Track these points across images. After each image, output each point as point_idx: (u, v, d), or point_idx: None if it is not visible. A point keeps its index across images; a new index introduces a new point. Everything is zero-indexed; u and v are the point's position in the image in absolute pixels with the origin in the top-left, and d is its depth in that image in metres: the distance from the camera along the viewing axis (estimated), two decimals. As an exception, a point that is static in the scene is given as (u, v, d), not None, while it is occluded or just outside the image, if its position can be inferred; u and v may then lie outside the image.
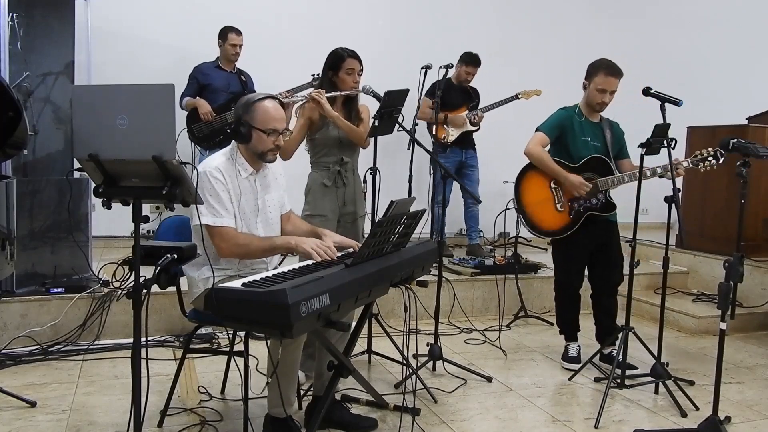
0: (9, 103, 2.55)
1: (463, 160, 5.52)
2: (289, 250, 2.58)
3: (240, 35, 5.09)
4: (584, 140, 3.52)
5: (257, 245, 2.56)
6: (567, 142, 3.52)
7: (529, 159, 3.55)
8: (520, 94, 5.41)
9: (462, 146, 5.49)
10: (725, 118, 5.21)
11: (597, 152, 3.51)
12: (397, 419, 2.77)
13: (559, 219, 3.54)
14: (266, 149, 2.57)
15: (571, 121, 3.53)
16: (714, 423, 2.66)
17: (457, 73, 5.46)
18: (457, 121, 5.40)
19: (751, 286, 4.05)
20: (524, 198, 3.58)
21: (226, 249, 2.52)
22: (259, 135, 2.54)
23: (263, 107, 2.55)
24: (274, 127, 2.54)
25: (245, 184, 2.62)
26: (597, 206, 3.51)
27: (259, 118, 2.54)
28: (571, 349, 3.67)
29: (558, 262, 3.68)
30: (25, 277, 3.79)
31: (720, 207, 4.99)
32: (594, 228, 3.51)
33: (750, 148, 2.68)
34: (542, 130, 3.54)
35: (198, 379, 3.29)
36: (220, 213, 2.50)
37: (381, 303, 4.12)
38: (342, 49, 3.32)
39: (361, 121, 3.34)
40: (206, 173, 2.50)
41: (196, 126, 5.00)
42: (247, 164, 2.62)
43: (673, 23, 7.08)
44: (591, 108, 3.53)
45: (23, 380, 3.20)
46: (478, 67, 5.45)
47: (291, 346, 2.44)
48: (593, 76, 3.47)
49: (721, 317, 2.59)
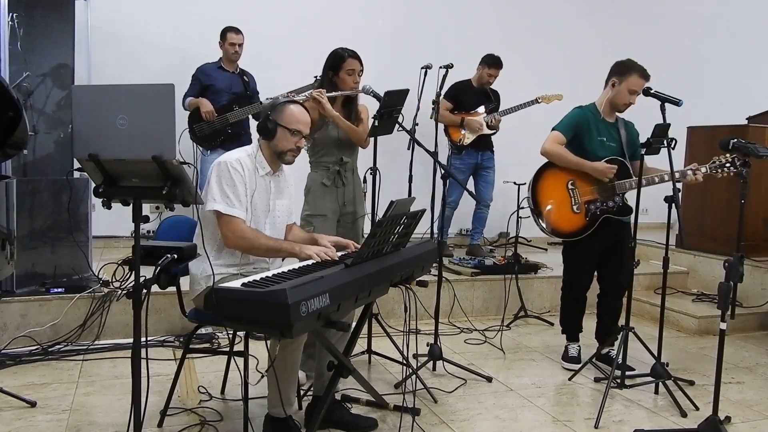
0: (9, 103, 2.55)
1: (479, 162, 5.49)
2: (293, 255, 2.60)
3: (239, 34, 5.08)
4: (600, 140, 3.47)
5: (263, 242, 2.59)
6: (583, 142, 3.47)
7: (547, 158, 3.49)
8: (540, 98, 5.35)
9: (478, 148, 5.45)
10: (725, 118, 5.21)
11: (613, 153, 3.46)
12: (397, 419, 2.77)
13: (575, 221, 3.48)
14: (287, 149, 2.66)
15: (587, 120, 3.48)
16: (714, 423, 2.66)
17: (479, 75, 5.44)
18: (473, 124, 5.35)
19: (751, 286, 4.05)
20: (540, 198, 3.51)
21: (232, 239, 2.55)
22: (283, 132, 2.64)
23: (290, 109, 2.67)
24: (298, 128, 2.66)
25: (261, 183, 2.67)
26: (614, 209, 3.45)
27: (286, 118, 2.64)
28: (572, 349, 3.67)
29: (567, 262, 3.65)
30: (25, 277, 3.79)
31: (720, 207, 4.99)
32: (606, 229, 3.46)
33: (750, 148, 2.69)
34: (559, 129, 3.49)
35: (198, 379, 3.29)
36: (233, 203, 2.54)
37: (381, 303, 4.12)
38: (342, 49, 3.32)
39: (360, 121, 3.35)
40: (226, 163, 2.57)
41: (198, 126, 4.99)
42: (265, 163, 2.69)
43: (674, 23, 7.08)
44: (614, 108, 3.48)
45: (23, 380, 3.20)
46: (500, 69, 5.41)
47: (291, 347, 2.44)
48: (626, 75, 3.40)
49: (721, 317, 2.59)
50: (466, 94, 5.40)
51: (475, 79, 5.47)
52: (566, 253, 3.65)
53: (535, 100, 5.36)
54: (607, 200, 3.46)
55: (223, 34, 5.07)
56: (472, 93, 5.45)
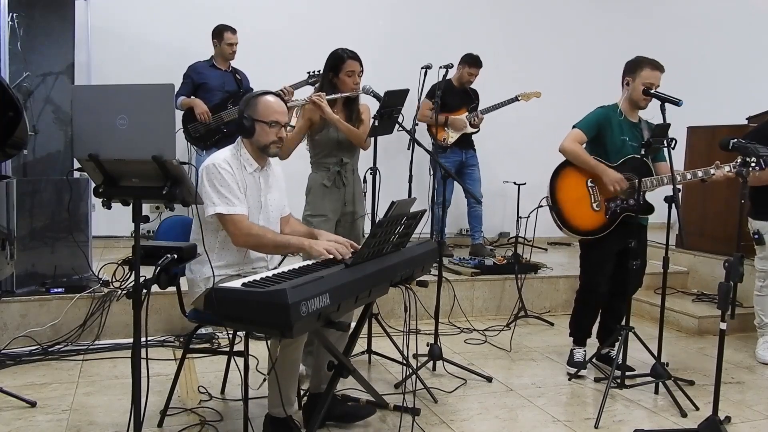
0: (9, 103, 2.55)
1: (463, 160, 5.53)
2: (302, 251, 2.59)
3: (235, 33, 5.07)
4: (623, 139, 3.42)
5: (271, 237, 2.58)
6: (605, 141, 3.42)
7: (565, 156, 3.44)
8: (520, 96, 5.41)
9: (462, 146, 5.49)
10: (725, 118, 5.20)
11: (635, 152, 3.41)
12: (397, 419, 2.76)
13: (595, 218, 3.42)
14: (269, 141, 2.62)
15: (610, 119, 3.43)
16: (714, 423, 2.65)
17: (459, 75, 5.46)
18: (458, 123, 5.40)
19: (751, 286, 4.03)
20: (559, 195, 3.43)
21: (240, 237, 2.53)
22: (261, 127, 2.60)
23: (264, 100, 2.62)
24: (276, 119, 2.61)
25: (250, 180, 2.65)
26: (634, 207, 3.39)
27: (261, 111, 2.60)
28: (577, 354, 3.61)
29: (586, 266, 3.57)
30: (25, 277, 3.79)
31: (720, 207, 4.99)
32: (624, 230, 3.38)
33: (750, 148, 2.68)
34: (580, 127, 3.44)
35: (198, 379, 3.29)
36: (232, 201, 2.52)
37: (381, 303, 4.12)
38: (342, 50, 3.31)
39: (361, 122, 3.34)
40: (215, 165, 2.55)
41: (192, 126, 4.98)
42: (252, 160, 2.66)
43: (674, 23, 7.07)
44: (635, 106, 3.44)
45: (23, 380, 3.20)
46: (480, 69, 5.44)
47: (291, 347, 2.44)
48: (637, 71, 3.37)
49: (721, 317, 2.59)
50: (447, 93, 5.38)
51: (456, 78, 5.47)
52: (585, 257, 3.57)
53: (515, 98, 5.39)
54: (628, 198, 3.42)
55: (220, 33, 5.06)
56: (454, 92, 5.46)
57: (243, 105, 2.65)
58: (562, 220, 3.44)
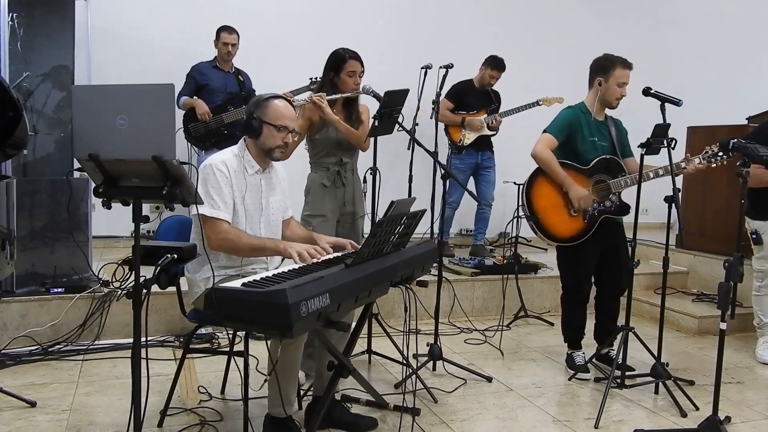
0: (9, 103, 2.55)
1: (479, 162, 5.49)
2: (278, 253, 2.58)
3: (232, 34, 5.05)
4: (592, 141, 3.43)
5: (246, 241, 2.56)
6: (576, 143, 3.42)
7: (536, 161, 3.43)
8: (541, 101, 5.33)
9: (478, 148, 5.45)
10: (725, 118, 5.20)
11: (604, 152, 3.43)
12: (397, 419, 2.77)
13: (573, 225, 3.41)
14: (275, 145, 2.63)
15: (579, 121, 3.43)
16: (714, 423, 2.65)
17: (481, 76, 5.45)
18: (474, 124, 5.36)
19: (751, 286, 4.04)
20: (536, 204, 3.43)
21: (214, 240, 2.53)
22: (269, 130, 2.61)
23: (275, 105, 2.63)
24: (284, 123, 2.62)
25: (251, 181, 2.66)
26: (611, 209, 3.42)
27: (271, 114, 2.61)
28: (578, 358, 3.60)
29: (566, 268, 3.57)
30: (25, 277, 3.79)
31: (720, 207, 4.99)
32: (603, 231, 3.41)
33: (750, 148, 2.68)
34: (550, 131, 3.42)
35: (198, 379, 3.29)
36: (218, 205, 2.52)
37: (381, 303, 4.12)
38: (344, 50, 3.31)
39: (361, 123, 3.34)
40: (211, 166, 2.56)
41: (193, 126, 4.98)
42: (254, 161, 2.67)
43: (674, 23, 7.07)
44: (607, 105, 3.44)
45: (23, 380, 3.21)
46: (503, 72, 5.41)
47: (291, 347, 2.44)
48: (610, 70, 3.37)
49: (721, 317, 2.59)
50: (467, 94, 5.41)
51: (477, 79, 5.48)
52: (564, 260, 3.57)
53: (536, 102, 5.35)
54: (603, 200, 3.43)
55: (217, 33, 5.06)
56: (474, 93, 5.45)
57: (253, 106, 2.65)
58: (541, 230, 3.44)
